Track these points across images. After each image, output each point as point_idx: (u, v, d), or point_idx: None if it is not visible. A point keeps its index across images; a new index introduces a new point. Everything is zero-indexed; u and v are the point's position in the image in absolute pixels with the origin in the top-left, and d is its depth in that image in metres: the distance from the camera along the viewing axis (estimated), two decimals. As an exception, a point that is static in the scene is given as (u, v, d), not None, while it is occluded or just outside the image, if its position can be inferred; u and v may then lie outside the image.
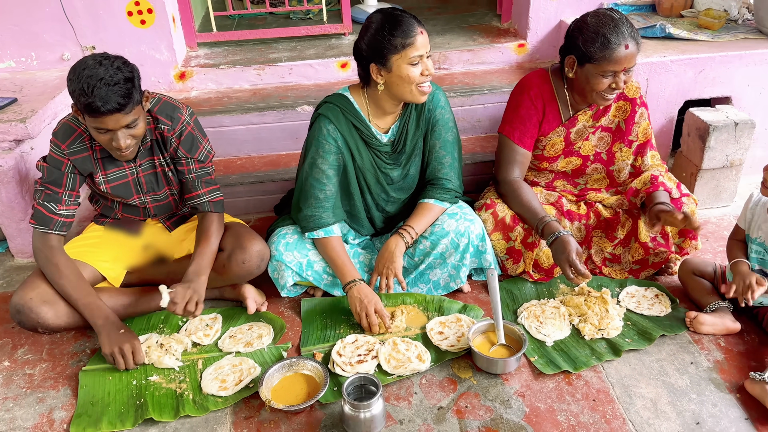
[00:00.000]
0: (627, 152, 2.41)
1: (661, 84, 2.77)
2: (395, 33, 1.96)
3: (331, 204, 2.20)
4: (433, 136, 2.28)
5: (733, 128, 2.65)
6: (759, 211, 2.09)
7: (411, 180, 2.35)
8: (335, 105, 2.16)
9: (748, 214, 2.13)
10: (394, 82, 2.04)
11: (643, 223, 2.34)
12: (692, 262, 2.32)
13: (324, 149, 2.15)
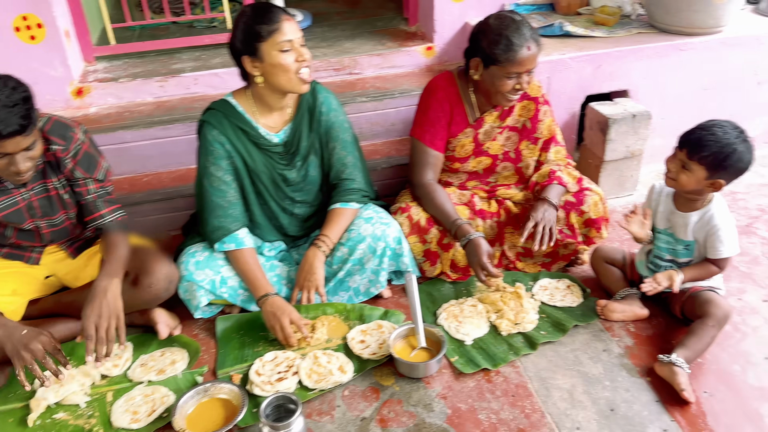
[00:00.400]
0: (534, 149, 2.48)
1: (563, 81, 2.86)
2: (260, 20, 1.98)
3: (237, 211, 2.15)
4: (331, 139, 2.28)
5: (631, 120, 2.77)
6: (663, 201, 2.18)
7: (313, 181, 2.32)
8: (217, 110, 2.13)
9: (652, 205, 2.22)
10: (269, 72, 2.02)
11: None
12: (603, 250, 2.41)
13: (213, 155, 2.11)
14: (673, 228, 2.15)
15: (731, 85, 3.08)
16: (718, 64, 3.00)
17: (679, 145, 2.01)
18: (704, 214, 2.07)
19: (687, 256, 2.15)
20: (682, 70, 2.97)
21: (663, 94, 3.02)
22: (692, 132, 1.99)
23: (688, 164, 1.98)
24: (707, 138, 1.93)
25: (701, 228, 2.08)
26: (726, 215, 2.07)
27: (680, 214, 2.12)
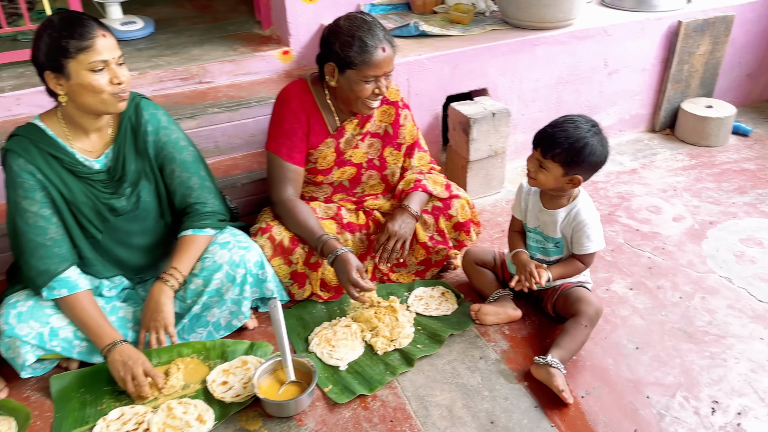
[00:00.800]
0: (397, 155, 2.38)
1: (422, 82, 2.79)
2: (69, 35, 1.70)
3: (63, 249, 1.86)
4: (167, 161, 2.04)
5: (492, 119, 2.74)
6: (531, 200, 2.15)
7: (148, 209, 2.05)
8: (23, 136, 1.83)
9: (522, 204, 2.19)
10: (77, 92, 1.75)
11: (419, 225, 2.32)
12: (473, 252, 2.35)
13: (24, 188, 1.81)
14: (543, 226, 2.12)
15: (584, 77, 3.16)
16: (571, 56, 3.06)
17: (534, 144, 1.98)
18: (570, 210, 2.06)
19: (557, 254, 2.14)
20: (537, 64, 3.00)
21: (521, 90, 3.04)
22: (544, 130, 1.96)
23: (543, 163, 1.95)
24: (559, 135, 1.91)
25: (568, 225, 2.07)
26: (591, 211, 2.07)
27: (548, 212, 2.09)
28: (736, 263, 2.51)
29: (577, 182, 1.98)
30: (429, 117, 2.89)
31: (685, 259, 2.54)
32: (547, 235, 2.12)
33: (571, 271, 2.12)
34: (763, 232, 2.68)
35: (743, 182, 3.06)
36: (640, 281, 2.43)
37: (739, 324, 2.21)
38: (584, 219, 2.04)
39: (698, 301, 2.32)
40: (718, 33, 3.33)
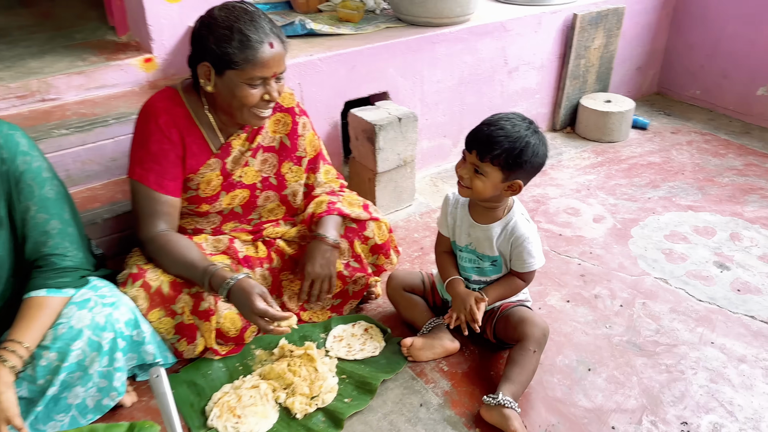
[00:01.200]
0: (298, 171, 2.00)
1: (316, 86, 2.43)
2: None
3: None
4: (22, 197, 1.53)
5: (398, 124, 2.44)
6: (460, 215, 1.84)
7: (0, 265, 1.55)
8: None
9: (449, 219, 1.88)
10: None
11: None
12: (398, 277, 2.02)
13: None
14: (476, 244, 1.83)
15: (486, 77, 2.95)
16: (471, 55, 2.83)
17: (467, 146, 1.69)
18: (507, 224, 1.78)
19: (495, 273, 1.85)
20: (437, 64, 2.74)
21: (423, 92, 2.77)
22: (479, 130, 1.67)
23: (481, 167, 1.66)
24: (496, 134, 1.63)
25: (506, 240, 1.79)
26: (529, 223, 1.81)
27: (481, 227, 1.80)
28: (667, 262, 2.36)
29: (517, 188, 1.71)
30: (327, 126, 2.53)
31: (616, 262, 2.36)
32: (482, 253, 1.83)
33: (510, 291, 1.85)
34: (685, 226, 2.58)
35: (653, 176, 2.97)
36: (576, 291, 2.21)
37: (686, 329, 2.04)
38: (524, 233, 1.77)
39: (640, 308, 2.13)
40: (611, 26, 3.26)
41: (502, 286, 1.84)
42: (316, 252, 1.86)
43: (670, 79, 3.81)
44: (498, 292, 1.82)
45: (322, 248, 1.87)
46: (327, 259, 1.87)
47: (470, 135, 1.68)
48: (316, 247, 1.87)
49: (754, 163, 3.07)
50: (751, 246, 2.45)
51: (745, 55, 3.39)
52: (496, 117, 1.67)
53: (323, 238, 1.87)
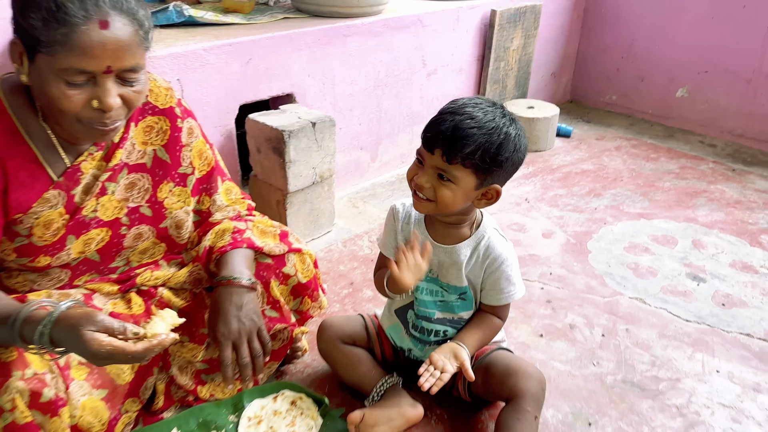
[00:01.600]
0: (183, 194, 1.43)
1: (202, 84, 1.88)
2: None
3: None
4: None
5: (312, 131, 1.94)
6: (415, 233, 1.37)
7: None
8: None
9: (399, 239, 1.40)
10: None
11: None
12: (333, 325, 1.52)
13: None
14: (439, 271, 1.36)
15: (404, 79, 2.53)
16: (387, 52, 2.41)
17: (427, 145, 1.22)
18: (477, 243, 1.33)
19: (465, 310, 1.39)
20: (350, 61, 2.29)
21: (335, 95, 2.29)
22: (440, 121, 1.20)
23: (448, 172, 1.19)
24: (466, 125, 1.17)
25: (478, 264, 1.34)
26: (505, 241, 1.37)
27: (444, 248, 1.34)
28: (637, 278, 2.03)
29: (493, 196, 1.26)
30: (218, 136, 1.98)
31: (582, 283, 1.99)
32: (446, 283, 1.36)
33: (489, 334, 1.40)
34: (642, 236, 2.28)
35: (591, 184, 2.68)
36: (546, 322, 1.80)
37: (683, 357, 1.69)
38: (501, 254, 1.33)
39: (625, 337, 1.76)
40: (528, 25, 2.99)
41: (478, 329, 1.37)
42: (227, 302, 1.31)
43: (585, 86, 3.61)
44: (477, 339, 1.36)
45: (235, 295, 1.31)
46: (247, 308, 1.32)
47: (430, 129, 1.21)
48: (226, 296, 1.31)
49: (689, 166, 2.88)
50: (718, 253, 2.18)
51: (662, 56, 3.24)
52: (459, 103, 1.22)
53: (233, 282, 1.32)
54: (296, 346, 1.58)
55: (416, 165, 1.25)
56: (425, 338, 1.43)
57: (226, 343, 1.28)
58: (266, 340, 1.33)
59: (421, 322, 1.42)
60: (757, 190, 2.65)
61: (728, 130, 3.14)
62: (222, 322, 1.30)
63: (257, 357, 1.30)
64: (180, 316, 1.38)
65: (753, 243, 2.25)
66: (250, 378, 1.30)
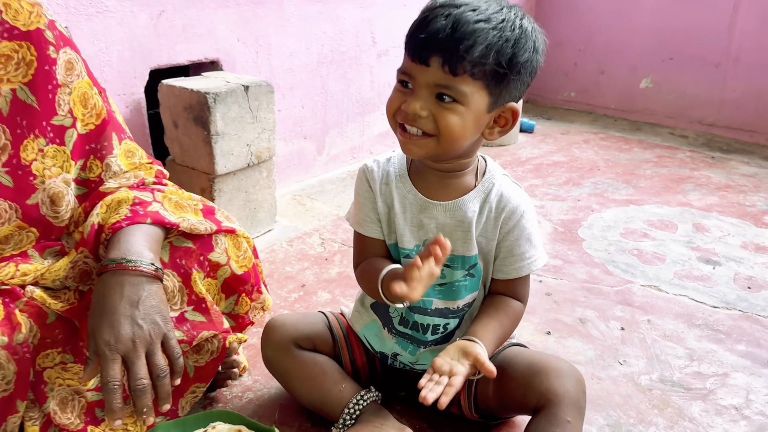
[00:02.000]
0: (60, 156, 1.00)
1: (99, 37, 1.46)
2: None
3: None
4: None
5: (245, 96, 1.55)
6: (399, 194, 0.99)
7: None
8: None
9: (379, 207, 1.00)
10: None
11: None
12: (285, 323, 1.11)
13: None
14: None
15: (352, 58, 2.18)
16: (332, 23, 2.06)
17: (418, 54, 0.83)
18: (487, 193, 0.96)
19: (471, 291, 1.01)
20: (289, 28, 1.92)
21: (271, 69, 1.91)
22: (433, 18, 0.82)
23: (452, 88, 0.82)
24: (470, 19, 0.81)
25: (491, 222, 0.96)
26: (519, 188, 1.00)
27: (445, 205, 0.96)
28: (644, 264, 1.70)
29: (510, 119, 0.91)
30: (122, 107, 1.55)
31: (583, 272, 1.65)
32: (452, 254, 0.97)
33: (509, 324, 1.01)
34: (637, 222, 1.97)
35: (567, 174, 2.37)
36: (552, 317, 1.44)
37: (724, 348, 1.36)
38: (519, 204, 0.97)
39: (648, 329, 1.41)
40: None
41: (493, 318, 0.98)
42: (115, 296, 0.87)
43: (540, 83, 3.36)
44: (493, 331, 0.96)
45: (128, 285, 0.88)
46: (147, 305, 0.89)
47: (420, 29, 0.83)
48: (114, 287, 0.87)
49: (666, 156, 2.63)
50: (725, 236, 1.89)
51: (623, 46, 3.03)
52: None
53: (126, 266, 0.89)
54: (231, 361, 1.15)
55: (399, 91, 0.88)
56: (420, 337, 1.03)
57: (112, 356, 0.83)
58: (175, 353, 0.88)
59: (414, 316, 1.02)
60: (743, 175, 2.42)
61: (698, 119, 2.94)
62: (107, 324, 0.86)
63: (161, 378, 0.86)
64: (59, 323, 0.95)
65: (759, 224, 1.98)
66: (150, 410, 0.85)
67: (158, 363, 0.86)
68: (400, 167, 0.99)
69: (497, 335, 0.96)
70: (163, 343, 0.88)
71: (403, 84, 0.87)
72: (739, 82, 2.79)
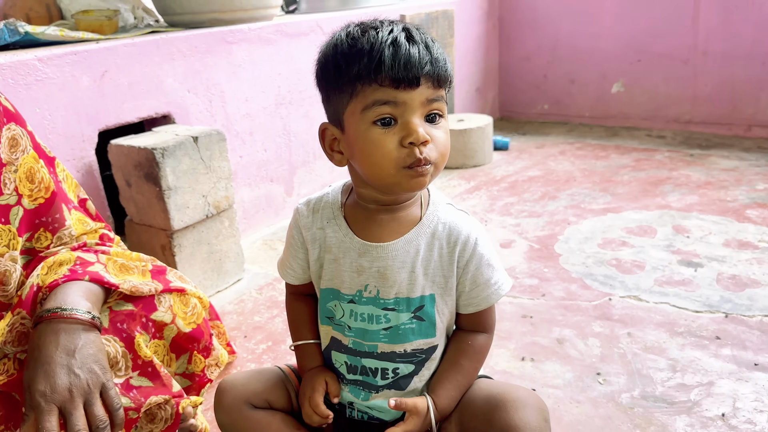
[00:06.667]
0: (5, 235, 0.98)
1: (43, 106, 1.45)
2: None
3: None
4: None
5: (195, 148, 1.52)
6: (333, 237, 0.93)
7: None
8: None
9: (311, 251, 0.96)
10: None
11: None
12: (236, 384, 1.03)
13: None
14: (379, 284, 0.91)
15: (311, 96, 2.17)
16: (287, 64, 2.05)
17: (406, 79, 0.79)
18: (434, 224, 0.91)
19: (424, 337, 0.95)
20: (241, 74, 1.91)
21: (227, 116, 1.89)
22: (391, 43, 0.77)
23: (442, 99, 0.82)
24: (419, 41, 0.80)
25: (445, 258, 0.91)
26: (466, 214, 0.95)
27: (386, 247, 0.91)
28: (623, 274, 1.66)
29: None
30: (72, 171, 1.52)
31: (560, 289, 1.60)
32: (394, 298, 0.92)
33: (470, 367, 0.96)
34: (615, 230, 1.93)
35: (543, 188, 2.34)
36: (530, 341, 1.39)
37: (708, 355, 1.30)
38: (470, 231, 0.91)
39: (629, 343, 1.36)
40: (443, 32, 2.71)
41: (452, 365, 0.95)
42: (50, 346, 0.84)
43: (513, 99, 3.35)
44: (451, 382, 0.94)
45: (63, 334, 0.85)
46: (83, 353, 0.85)
47: (392, 60, 0.78)
48: (48, 336, 0.85)
49: (643, 158, 2.60)
50: (706, 235, 1.84)
51: (591, 53, 3.02)
52: (365, 25, 0.83)
53: (60, 315, 0.86)
54: (188, 426, 1.10)
55: (384, 134, 0.82)
56: (372, 381, 0.98)
57: (48, 407, 0.79)
58: (115, 403, 0.85)
59: (361, 361, 0.97)
60: (723, 170, 2.38)
61: (674, 118, 2.91)
62: (42, 375, 0.82)
63: (100, 429, 0.81)
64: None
65: (741, 219, 1.93)
66: None
67: (97, 413, 0.82)
68: (334, 206, 0.96)
69: (458, 383, 0.93)
70: (102, 393, 0.85)
71: (383, 122, 0.83)
72: (710, 75, 2.77)
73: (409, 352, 0.95)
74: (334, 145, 0.88)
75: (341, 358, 0.98)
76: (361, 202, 0.92)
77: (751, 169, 2.36)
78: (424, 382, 0.96)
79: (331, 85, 0.84)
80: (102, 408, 0.82)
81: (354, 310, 0.94)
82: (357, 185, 0.91)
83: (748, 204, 2.04)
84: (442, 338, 0.97)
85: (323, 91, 0.87)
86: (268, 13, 2.01)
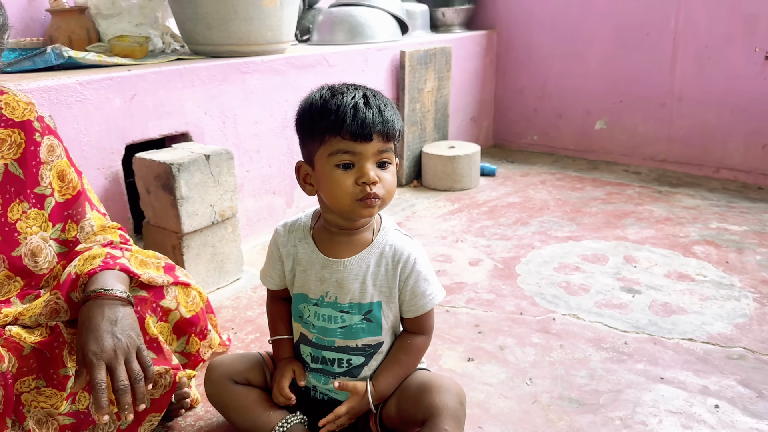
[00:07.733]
0: (39, 217, 1.26)
1: (81, 122, 1.73)
2: None
3: None
4: None
5: (206, 164, 1.80)
6: (304, 253, 1.21)
7: None
8: None
9: (286, 263, 1.24)
10: None
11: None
12: (222, 364, 1.31)
13: None
14: (337, 291, 1.18)
15: (313, 120, 2.43)
16: (294, 92, 2.32)
17: (362, 135, 1.05)
18: (383, 247, 1.18)
19: (371, 335, 1.21)
20: (252, 100, 2.18)
21: (238, 135, 2.17)
22: (350, 106, 1.05)
23: (389, 150, 1.11)
24: (368, 99, 1.09)
25: (390, 274, 1.18)
26: (410, 239, 1.22)
27: (343, 263, 1.17)
28: (570, 295, 1.90)
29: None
30: (102, 179, 1.80)
31: (511, 305, 1.85)
32: (349, 303, 1.19)
33: (408, 361, 1.23)
34: (572, 257, 2.17)
35: (518, 214, 2.58)
36: (475, 346, 1.64)
37: (624, 368, 1.54)
38: (410, 253, 1.18)
39: (559, 353, 1.60)
40: (440, 67, 2.98)
41: (394, 359, 1.22)
42: (98, 317, 1.09)
43: (506, 128, 3.61)
44: (390, 372, 1.22)
45: (108, 308, 1.11)
46: (123, 323, 1.11)
47: (354, 118, 1.05)
48: (96, 310, 1.10)
49: (615, 192, 2.83)
50: (651, 266, 2.08)
51: (577, 92, 3.27)
52: (332, 90, 1.10)
53: (105, 293, 1.12)
54: (182, 393, 1.36)
55: (343, 175, 1.08)
56: (330, 369, 1.24)
57: (99, 363, 1.06)
58: (147, 362, 1.11)
59: (322, 353, 1.23)
60: (685, 207, 2.61)
61: (650, 156, 3.15)
62: (93, 338, 1.08)
63: (137, 381, 1.08)
64: (33, 354, 1.18)
65: (686, 254, 2.16)
66: (130, 408, 1.07)
67: (135, 368, 1.09)
68: (305, 228, 1.22)
69: (394, 375, 1.20)
70: (137, 354, 1.11)
71: (344, 166, 1.07)
72: (684, 119, 3.00)
73: (360, 347, 1.21)
74: (306, 179, 1.15)
75: (307, 350, 1.24)
76: (326, 226, 1.18)
77: (711, 209, 2.59)
78: (372, 371, 1.22)
79: (306, 134, 1.12)
80: (138, 365, 1.09)
81: (317, 312, 1.20)
82: (323, 211, 1.17)
83: (697, 240, 2.27)
84: (388, 336, 1.23)
85: (300, 137, 1.15)
86: (280, 47, 2.28)
